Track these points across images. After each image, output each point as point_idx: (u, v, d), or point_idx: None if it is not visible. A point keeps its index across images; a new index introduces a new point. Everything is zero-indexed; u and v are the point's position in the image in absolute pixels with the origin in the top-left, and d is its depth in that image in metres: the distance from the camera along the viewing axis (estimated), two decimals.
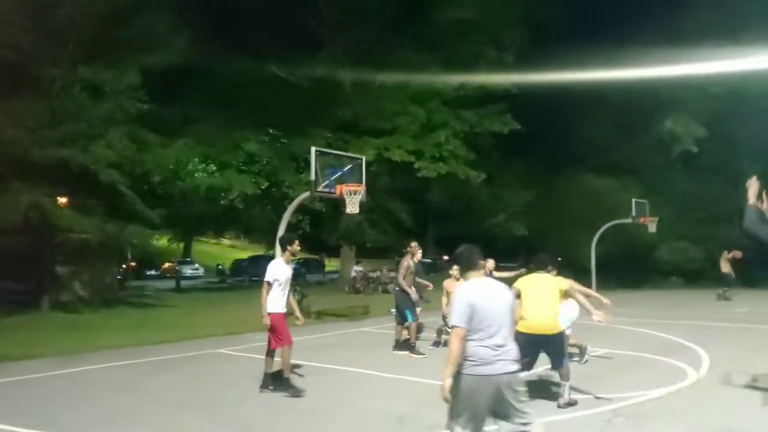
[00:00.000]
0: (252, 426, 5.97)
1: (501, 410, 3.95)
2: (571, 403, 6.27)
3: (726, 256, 19.24)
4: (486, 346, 3.86)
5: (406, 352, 9.65)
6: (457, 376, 3.87)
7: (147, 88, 17.60)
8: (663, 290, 25.14)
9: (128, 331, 12.88)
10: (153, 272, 39.69)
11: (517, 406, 3.93)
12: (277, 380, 7.16)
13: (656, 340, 10.91)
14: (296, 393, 6.93)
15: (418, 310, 9.95)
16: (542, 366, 6.85)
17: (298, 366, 8.19)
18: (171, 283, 29.86)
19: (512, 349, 3.97)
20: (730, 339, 11.21)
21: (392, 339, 10.29)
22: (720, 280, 19.45)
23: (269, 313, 6.99)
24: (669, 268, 29.10)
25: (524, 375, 6.07)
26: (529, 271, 6.66)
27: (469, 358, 3.87)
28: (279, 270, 7.12)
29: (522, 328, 6.04)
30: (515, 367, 3.96)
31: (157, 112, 18.54)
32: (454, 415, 3.99)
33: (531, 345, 6.06)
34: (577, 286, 6.83)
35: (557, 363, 6.35)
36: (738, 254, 19.01)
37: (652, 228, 22.75)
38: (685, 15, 28.02)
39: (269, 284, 6.98)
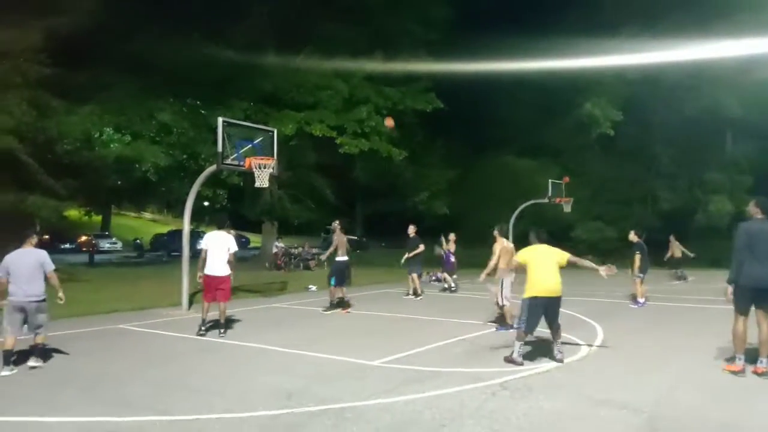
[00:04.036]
0: (131, 404, 5.74)
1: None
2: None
3: (674, 241, 19.08)
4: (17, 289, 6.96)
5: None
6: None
7: (52, 51, 16.47)
8: (578, 268, 25.96)
9: None
10: (68, 246, 37.89)
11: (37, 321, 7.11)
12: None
13: (561, 316, 11.23)
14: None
15: None
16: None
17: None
18: (85, 257, 28.59)
19: (34, 290, 7.03)
20: (630, 315, 11.75)
21: (302, 315, 10.70)
22: (674, 264, 19.16)
23: None
24: (585, 247, 30.21)
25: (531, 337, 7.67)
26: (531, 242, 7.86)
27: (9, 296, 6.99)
28: None
29: (541, 292, 7.25)
30: (34, 298, 7.02)
31: (65, 77, 17.39)
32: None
33: (541, 307, 7.31)
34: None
35: (556, 323, 7.51)
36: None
37: (567, 208, 23.52)
38: (606, 4, 28.88)
39: None
